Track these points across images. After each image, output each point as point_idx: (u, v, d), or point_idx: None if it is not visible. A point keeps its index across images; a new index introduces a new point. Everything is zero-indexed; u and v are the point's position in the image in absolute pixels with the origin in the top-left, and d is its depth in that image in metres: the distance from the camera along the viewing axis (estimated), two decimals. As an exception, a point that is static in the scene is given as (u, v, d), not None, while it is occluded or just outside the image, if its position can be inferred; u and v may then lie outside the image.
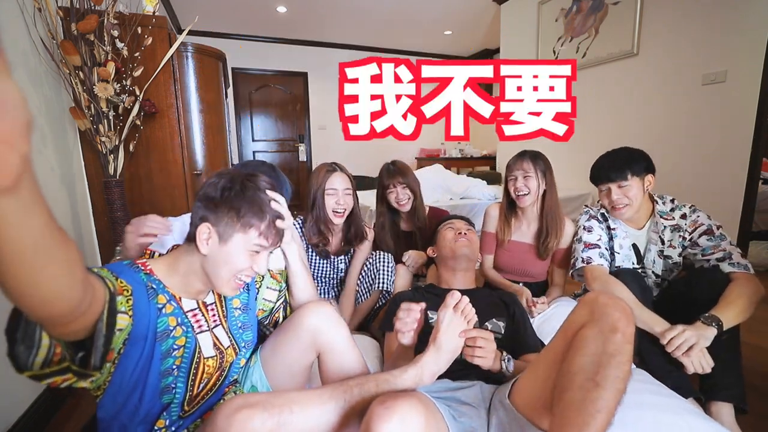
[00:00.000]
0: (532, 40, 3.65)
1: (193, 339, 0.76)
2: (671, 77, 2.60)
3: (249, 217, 0.74)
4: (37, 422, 1.20)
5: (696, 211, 1.31)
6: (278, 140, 5.38)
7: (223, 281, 0.75)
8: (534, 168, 1.51)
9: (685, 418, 0.89)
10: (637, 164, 1.29)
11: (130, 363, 0.66)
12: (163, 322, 0.71)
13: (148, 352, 0.68)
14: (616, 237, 1.36)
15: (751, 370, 1.41)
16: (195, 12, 3.87)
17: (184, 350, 0.74)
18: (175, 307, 0.74)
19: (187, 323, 0.76)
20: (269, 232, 0.77)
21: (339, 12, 4.29)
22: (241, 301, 0.90)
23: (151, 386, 0.70)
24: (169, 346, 0.72)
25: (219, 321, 0.83)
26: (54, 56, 1.44)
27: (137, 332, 0.66)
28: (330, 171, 1.49)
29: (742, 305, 1.08)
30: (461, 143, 5.70)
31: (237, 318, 0.88)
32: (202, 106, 2.01)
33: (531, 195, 1.52)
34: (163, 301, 0.72)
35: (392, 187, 1.72)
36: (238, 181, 0.76)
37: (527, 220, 1.60)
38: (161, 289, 0.73)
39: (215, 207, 0.73)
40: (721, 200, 2.33)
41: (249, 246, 0.75)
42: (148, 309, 0.68)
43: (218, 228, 0.73)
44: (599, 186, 1.37)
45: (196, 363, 0.76)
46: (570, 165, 3.31)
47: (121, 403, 0.68)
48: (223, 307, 0.86)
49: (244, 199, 0.74)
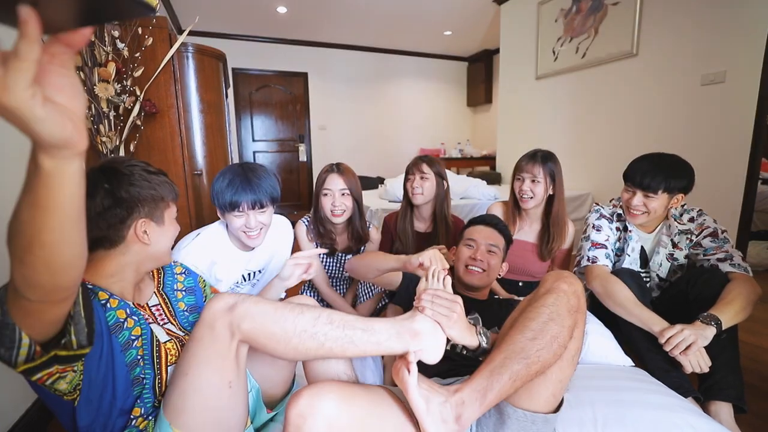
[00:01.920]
0: (532, 41, 3.65)
1: (147, 327, 0.78)
2: (671, 77, 2.60)
3: (167, 194, 0.83)
4: (39, 420, 1.20)
5: (702, 214, 1.31)
6: (278, 140, 5.38)
7: (167, 252, 0.86)
8: (543, 173, 1.49)
9: (684, 417, 0.89)
10: (676, 182, 1.21)
11: (94, 360, 0.68)
12: (112, 315, 0.73)
13: (108, 347, 0.70)
14: (631, 239, 1.35)
15: (750, 370, 1.41)
16: (195, 12, 3.88)
17: (142, 340, 0.76)
18: (119, 301, 0.76)
19: (138, 312, 0.78)
20: (175, 195, 0.87)
21: (339, 12, 4.29)
22: (187, 303, 0.94)
23: (121, 378, 0.71)
24: (126, 338, 0.73)
25: (168, 320, 0.87)
26: (55, 56, 1.44)
27: None
28: (328, 172, 1.50)
29: (740, 304, 1.08)
30: (461, 143, 5.71)
31: (187, 318, 0.91)
32: (202, 106, 2.02)
33: (535, 199, 1.51)
34: (105, 297, 0.74)
35: (412, 174, 1.64)
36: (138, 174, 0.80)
37: (530, 220, 1.61)
38: (98, 288, 0.74)
39: (138, 204, 0.78)
40: (721, 200, 2.33)
41: (173, 214, 0.86)
42: (95, 307, 0.70)
43: (151, 217, 0.80)
44: (626, 185, 1.32)
45: (157, 349, 0.78)
46: (570, 165, 3.31)
47: (96, 402, 0.69)
48: (170, 307, 0.90)
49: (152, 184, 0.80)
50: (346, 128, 5.60)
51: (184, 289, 0.96)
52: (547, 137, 3.60)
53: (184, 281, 0.97)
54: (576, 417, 0.91)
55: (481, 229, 1.24)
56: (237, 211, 1.12)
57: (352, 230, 1.57)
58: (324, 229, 1.53)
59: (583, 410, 0.93)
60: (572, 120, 3.37)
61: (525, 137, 3.89)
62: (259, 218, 1.16)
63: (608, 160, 3.06)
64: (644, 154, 1.31)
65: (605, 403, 0.94)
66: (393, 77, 5.76)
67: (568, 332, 0.73)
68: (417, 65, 5.86)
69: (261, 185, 1.13)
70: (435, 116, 6.09)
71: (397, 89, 5.82)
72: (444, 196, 1.65)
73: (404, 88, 5.86)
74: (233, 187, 1.11)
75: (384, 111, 5.78)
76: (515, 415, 0.74)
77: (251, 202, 1.12)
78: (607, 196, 2.75)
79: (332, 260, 1.61)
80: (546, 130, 3.63)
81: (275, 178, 1.20)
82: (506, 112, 4.14)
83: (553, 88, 3.52)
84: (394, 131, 5.88)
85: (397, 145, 5.83)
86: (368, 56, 5.57)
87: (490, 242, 1.20)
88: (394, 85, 5.79)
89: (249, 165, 1.18)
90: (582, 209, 3.09)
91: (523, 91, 3.86)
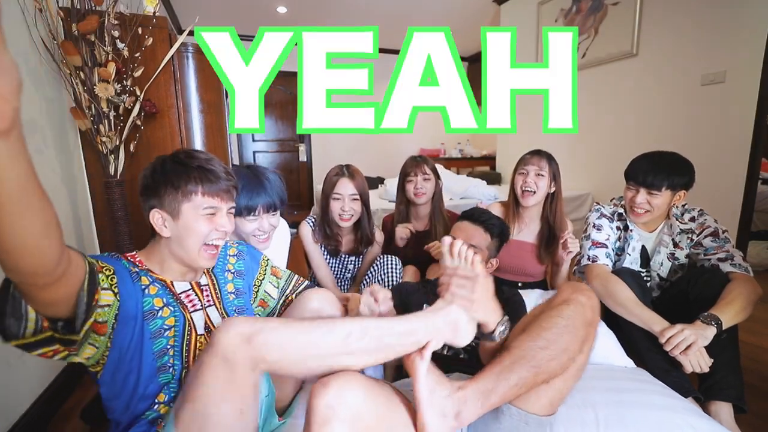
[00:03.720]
0: (532, 41, 3.65)
1: (182, 318, 0.78)
2: (671, 77, 2.60)
3: (185, 184, 0.77)
4: (40, 420, 1.20)
5: (704, 214, 1.31)
6: (278, 140, 5.38)
7: (194, 252, 0.79)
8: (549, 168, 1.48)
9: (685, 417, 0.89)
10: (678, 178, 1.23)
11: (123, 342, 0.69)
12: (148, 302, 0.74)
13: (139, 332, 0.71)
14: (632, 239, 1.35)
15: (751, 370, 1.41)
16: (195, 12, 3.88)
17: (174, 330, 0.76)
18: (159, 288, 0.77)
19: (174, 303, 0.78)
20: (213, 190, 0.79)
21: (339, 12, 4.29)
22: (235, 286, 0.93)
23: (147, 365, 0.72)
24: (158, 327, 0.74)
25: (213, 302, 0.86)
26: (55, 56, 1.44)
27: (126, 311, 0.70)
28: (338, 175, 1.49)
29: (741, 304, 1.08)
30: (461, 143, 5.71)
31: (231, 302, 0.90)
32: (202, 106, 2.01)
33: (537, 195, 1.49)
34: (146, 283, 0.76)
35: (413, 175, 1.66)
36: (159, 162, 0.80)
37: (529, 219, 1.58)
38: (143, 273, 0.77)
39: (154, 192, 0.77)
40: (721, 200, 2.33)
41: (200, 211, 0.78)
42: (134, 289, 0.72)
43: (166, 208, 0.77)
44: (629, 183, 1.32)
45: (188, 341, 0.78)
46: (570, 165, 3.31)
47: (120, 381, 0.71)
48: (217, 289, 0.89)
49: (173, 173, 0.77)
50: (346, 128, 5.60)
51: (234, 271, 0.95)
52: (547, 137, 3.60)
53: (235, 264, 0.96)
54: (577, 418, 0.91)
55: (465, 227, 1.20)
56: (252, 215, 1.12)
57: (361, 233, 1.57)
58: (331, 231, 1.53)
59: (584, 411, 0.93)
60: (572, 120, 3.37)
61: (525, 137, 3.89)
62: (271, 221, 1.17)
63: (608, 160, 3.06)
64: (645, 153, 1.31)
65: (606, 404, 0.94)
66: (393, 77, 5.75)
67: (578, 345, 0.73)
68: (417, 65, 5.85)
69: (273, 188, 1.14)
70: (435, 116, 6.07)
71: (397, 89, 5.81)
72: (440, 193, 1.70)
73: (404, 88, 5.84)
74: (248, 191, 1.10)
75: (384, 111, 5.77)
76: (509, 413, 0.74)
77: (266, 206, 1.13)
78: (607, 196, 2.74)
79: (336, 261, 1.61)
80: (546, 130, 3.63)
81: (282, 180, 1.20)
82: (506, 112, 4.14)
83: (553, 88, 3.51)
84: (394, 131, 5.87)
85: (397, 145, 5.82)
86: (368, 56, 5.57)
87: (471, 240, 1.15)
88: (394, 85, 5.78)
89: (258, 168, 1.17)
90: (582, 209, 3.09)
91: (523, 91, 3.86)
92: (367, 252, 1.64)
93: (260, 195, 1.11)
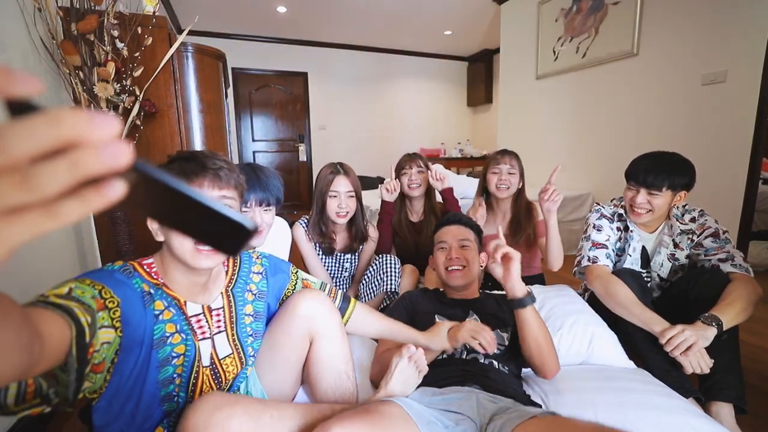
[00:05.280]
0: (532, 41, 3.65)
1: (193, 346, 0.74)
2: (671, 77, 2.60)
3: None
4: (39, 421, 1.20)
5: (704, 215, 1.30)
6: (278, 140, 5.38)
7: (187, 253, 0.70)
8: (518, 165, 1.63)
9: (685, 418, 0.89)
10: (679, 179, 1.22)
11: (125, 369, 0.65)
12: (160, 329, 0.69)
13: (144, 360, 0.67)
14: (632, 239, 1.35)
15: (751, 371, 1.41)
16: (195, 12, 3.88)
17: (184, 359, 0.72)
18: (174, 312, 0.72)
19: (187, 330, 0.74)
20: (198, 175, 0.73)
21: (339, 12, 4.29)
22: (254, 308, 0.87)
23: (148, 394, 0.68)
24: (166, 354, 0.70)
25: (224, 327, 0.80)
26: (54, 56, 1.44)
27: (130, 340, 0.64)
28: (334, 173, 1.50)
29: (741, 305, 1.08)
30: (461, 143, 5.71)
31: (248, 325, 0.85)
32: (202, 106, 2.01)
33: (511, 189, 1.62)
34: (161, 307, 0.70)
35: (408, 168, 1.75)
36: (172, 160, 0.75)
37: (501, 212, 1.70)
38: (159, 295, 0.71)
39: None
40: (721, 200, 2.33)
41: None
42: (144, 316, 0.67)
43: None
44: (629, 184, 1.32)
45: (196, 372, 0.74)
46: (570, 165, 3.31)
47: (117, 409, 0.67)
48: (233, 312, 0.82)
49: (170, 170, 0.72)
50: (346, 128, 5.60)
51: (256, 292, 0.88)
52: (547, 137, 3.60)
53: (258, 283, 0.89)
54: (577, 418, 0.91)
55: (448, 230, 1.26)
56: (245, 206, 1.13)
57: (355, 229, 1.58)
58: (326, 228, 1.54)
59: (585, 412, 0.92)
60: (572, 120, 3.37)
61: (525, 137, 3.89)
62: (265, 217, 1.16)
63: (608, 160, 3.05)
64: (645, 153, 1.31)
65: (606, 405, 0.94)
66: (393, 77, 5.76)
67: None
68: (417, 65, 5.85)
69: (269, 184, 1.15)
70: (435, 116, 6.09)
71: (397, 89, 5.81)
72: (432, 188, 1.80)
73: (404, 88, 5.85)
74: None
75: (384, 111, 5.78)
76: None
77: (258, 199, 1.14)
78: (607, 196, 2.74)
79: (331, 260, 1.62)
80: (546, 129, 3.63)
81: (280, 180, 1.21)
82: (506, 111, 4.14)
83: (553, 87, 3.51)
84: (394, 131, 5.88)
85: (397, 145, 5.82)
86: (368, 56, 5.57)
87: (460, 238, 1.22)
88: (394, 85, 5.79)
89: (255, 164, 1.20)
90: (582, 209, 3.09)
91: (524, 91, 3.86)
92: (363, 250, 1.65)
93: (254, 188, 1.12)
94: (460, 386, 0.89)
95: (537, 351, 0.98)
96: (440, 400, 0.82)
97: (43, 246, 1.32)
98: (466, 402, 0.81)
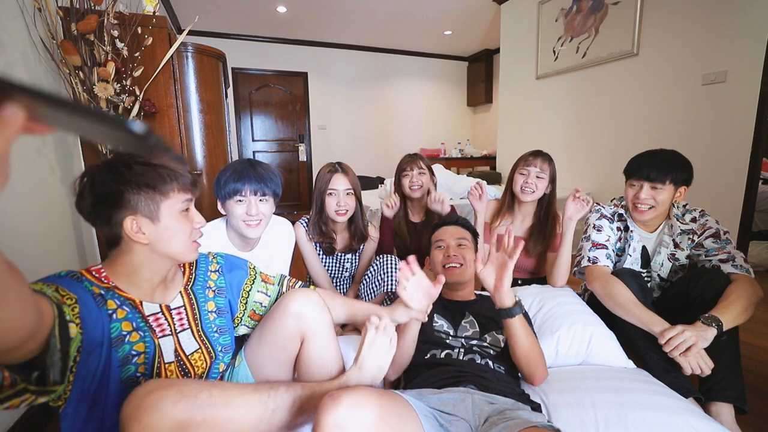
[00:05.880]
0: (532, 40, 3.65)
1: (153, 344, 0.74)
2: (671, 77, 2.60)
3: (159, 183, 0.71)
4: (38, 422, 1.20)
5: (705, 215, 1.30)
6: (278, 140, 5.38)
7: (184, 251, 0.76)
8: (549, 170, 1.53)
9: (686, 418, 0.89)
10: (680, 173, 1.24)
11: (88, 372, 0.64)
12: (116, 327, 0.69)
13: (105, 360, 0.66)
14: (632, 239, 1.34)
15: (751, 371, 1.41)
16: (195, 12, 3.88)
17: (144, 356, 0.72)
18: (128, 311, 0.72)
19: (144, 328, 0.73)
20: (182, 183, 0.75)
21: (339, 12, 4.29)
22: (216, 305, 0.88)
23: (114, 395, 0.67)
24: (126, 353, 0.70)
25: (188, 325, 0.81)
26: (54, 56, 1.44)
27: (90, 340, 0.64)
28: (332, 171, 1.51)
29: (742, 306, 1.08)
30: (461, 143, 5.71)
31: (212, 321, 0.86)
32: (202, 106, 2.01)
33: (536, 194, 1.53)
34: (114, 306, 0.70)
35: (409, 170, 1.73)
36: (116, 167, 0.70)
37: (522, 215, 1.63)
38: (111, 296, 0.70)
39: (120, 199, 0.69)
40: (721, 200, 2.33)
41: (179, 207, 0.74)
42: (99, 316, 0.66)
43: (142, 213, 0.70)
44: (631, 180, 1.32)
45: (157, 369, 0.74)
46: (570, 165, 3.31)
47: (84, 414, 0.66)
48: (195, 309, 0.84)
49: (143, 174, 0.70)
50: (346, 128, 5.60)
51: (215, 289, 0.90)
52: (548, 137, 3.60)
53: (216, 280, 0.91)
54: (578, 418, 0.91)
55: (445, 230, 1.28)
56: (239, 195, 1.14)
57: (354, 229, 1.58)
58: (326, 227, 1.54)
59: (584, 412, 0.92)
60: (572, 120, 3.37)
61: (525, 137, 3.89)
62: (261, 208, 1.17)
63: (608, 160, 3.05)
64: (643, 151, 1.32)
65: (607, 405, 0.94)
66: (393, 77, 5.76)
67: None
68: (417, 65, 5.85)
69: (264, 176, 1.17)
70: (435, 116, 6.09)
71: (397, 89, 5.81)
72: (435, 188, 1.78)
73: (404, 88, 5.85)
74: (237, 174, 1.15)
75: (384, 111, 5.78)
76: None
77: (253, 189, 1.15)
78: (607, 196, 2.74)
79: (332, 260, 1.62)
80: (546, 129, 3.63)
81: (279, 176, 1.22)
82: (506, 111, 4.14)
83: (553, 87, 3.51)
84: (394, 131, 5.88)
85: (397, 145, 5.82)
86: (368, 56, 5.57)
87: (458, 237, 1.24)
88: (394, 85, 5.79)
89: (254, 159, 1.22)
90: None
91: (524, 91, 3.86)
92: (363, 250, 1.65)
93: (249, 179, 1.14)
94: (455, 387, 0.88)
95: (525, 359, 0.98)
96: (435, 399, 0.81)
97: (42, 243, 1.32)
98: (461, 403, 0.81)
